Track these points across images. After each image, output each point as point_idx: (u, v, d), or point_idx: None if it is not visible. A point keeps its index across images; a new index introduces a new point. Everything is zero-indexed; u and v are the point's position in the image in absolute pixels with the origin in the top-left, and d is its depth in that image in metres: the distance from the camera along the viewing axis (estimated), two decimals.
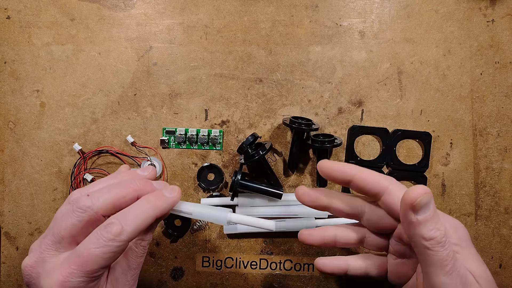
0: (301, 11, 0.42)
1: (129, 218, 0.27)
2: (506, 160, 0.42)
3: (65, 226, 0.27)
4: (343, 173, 0.29)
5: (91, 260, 0.26)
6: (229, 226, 0.41)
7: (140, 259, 0.31)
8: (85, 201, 0.27)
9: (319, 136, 0.40)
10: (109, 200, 0.28)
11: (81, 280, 0.26)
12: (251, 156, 0.38)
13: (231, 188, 0.39)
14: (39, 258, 0.27)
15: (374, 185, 0.28)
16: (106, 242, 0.26)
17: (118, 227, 0.26)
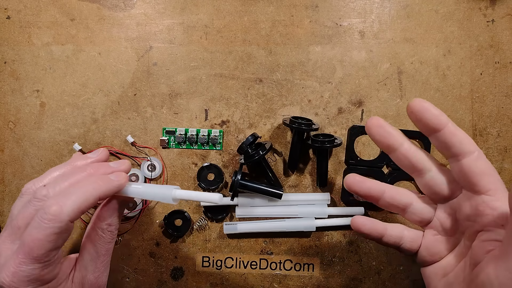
0: (301, 11, 0.42)
1: (69, 197, 0.26)
2: (506, 160, 0.42)
3: (21, 217, 0.27)
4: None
5: (36, 246, 0.25)
6: (229, 226, 0.41)
7: (109, 245, 0.31)
8: (41, 190, 0.27)
9: (319, 136, 0.40)
10: (64, 187, 0.27)
11: (33, 267, 0.25)
12: (251, 156, 0.38)
13: (231, 188, 0.39)
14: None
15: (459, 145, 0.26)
16: (47, 224, 0.25)
17: (56, 207, 0.25)
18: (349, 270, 0.42)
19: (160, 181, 0.42)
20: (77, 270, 0.30)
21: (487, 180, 0.25)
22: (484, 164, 0.25)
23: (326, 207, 0.41)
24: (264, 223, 0.41)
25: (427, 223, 0.29)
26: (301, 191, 0.42)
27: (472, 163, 0.25)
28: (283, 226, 0.41)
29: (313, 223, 0.40)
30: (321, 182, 0.41)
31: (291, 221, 0.41)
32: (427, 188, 0.28)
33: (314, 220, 0.41)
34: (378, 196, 0.29)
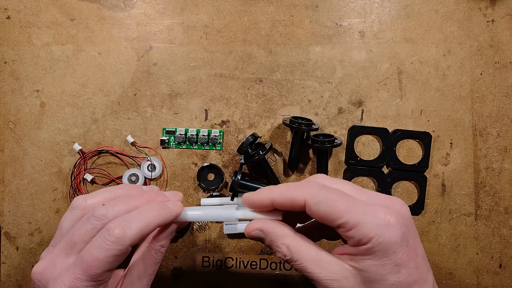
0: (301, 11, 0.42)
1: (132, 222, 0.27)
2: (506, 160, 0.42)
3: (78, 233, 0.28)
4: (263, 201, 0.28)
5: (95, 265, 0.26)
6: (229, 226, 0.41)
7: (157, 265, 0.32)
8: (100, 209, 0.28)
9: (319, 136, 0.40)
10: (122, 210, 0.28)
11: (87, 285, 0.26)
12: (251, 156, 0.38)
13: (231, 188, 0.39)
14: (49, 264, 0.28)
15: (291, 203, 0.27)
16: (109, 245, 0.26)
17: (121, 230, 0.26)
18: None
19: (160, 181, 0.42)
20: (123, 286, 0.31)
21: (331, 218, 0.25)
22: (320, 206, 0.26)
23: None
24: None
25: None
26: None
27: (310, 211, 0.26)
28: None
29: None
30: None
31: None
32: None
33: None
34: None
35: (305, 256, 0.27)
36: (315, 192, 0.26)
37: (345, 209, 0.25)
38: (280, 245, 0.28)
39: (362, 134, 0.42)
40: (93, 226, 0.28)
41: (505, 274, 0.41)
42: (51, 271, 0.28)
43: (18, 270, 0.42)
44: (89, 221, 0.28)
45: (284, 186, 0.28)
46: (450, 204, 0.42)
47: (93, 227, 0.28)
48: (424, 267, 0.25)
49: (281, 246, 0.27)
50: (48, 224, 0.42)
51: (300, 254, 0.27)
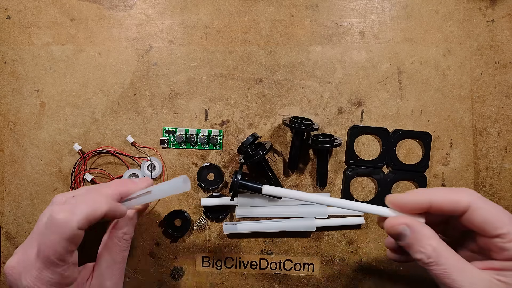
0: (301, 11, 0.42)
1: (78, 207, 0.28)
2: (506, 160, 0.42)
3: (41, 224, 0.29)
4: (419, 203, 0.27)
5: (49, 250, 0.27)
6: (229, 226, 0.41)
7: (124, 252, 0.33)
8: (61, 198, 0.30)
9: (319, 136, 0.40)
10: (83, 213, 0.28)
11: (52, 272, 0.27)
12: (251, 156, 0.38)
13: (231, 188, 0.39)
14: (22, 258, 0.28)
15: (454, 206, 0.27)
16: (56, 230, 0.27)
17: (64, 214, 0.27)
18: (349, 270, 0.42)
19: (160, 181, 0.42)
20: (94, 278, 0.32)
21: (492, 227, 0.25)
22: (484, 212, 0.26)
23: (326, 207, 0.41)
24: (264, 223, 0.41)
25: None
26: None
27: (471, 216, 0.26)
28: (283, 226, 0.41)
29: (313, 223, 0.40)
30: (321, 182, 0.41)
31: (291, 221, 0.41)
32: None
33: (314, 220, 0.41)
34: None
35: (451, 261, 0.26)
36: (479, 197, 0.26)
37: (508, 220, 0.25)
38: (426, 246, 0.26)
39: (362, 134, 0.42)
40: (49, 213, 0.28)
41: None
42: (23, 264, 0.28)
43: None
44: (47, 209, 0.29)
45: (442, 189, 0.28)
46: None
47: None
48: None
49: (427, 247, 0.26)
50: None
51: (446, 258, 0.26)
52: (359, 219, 0.41)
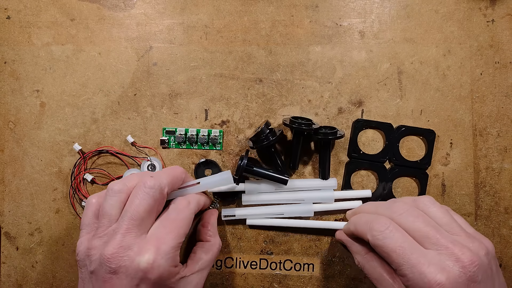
0: (301, 11, 0.42)
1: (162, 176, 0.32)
2: (506, 160, 0.42)
3: (142, 208, 0.30)
4: (349, 233, 0.36)
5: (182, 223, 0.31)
6: (226, 211, 0.41)
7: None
8: (152, 181, 0.31)
9: (321, 128, 0.40)
10: (168, 178, 0.32)
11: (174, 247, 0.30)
12: (261, 141, 0.38)
13: (236, 173, 0.38)
14: (123, 243, 0.29)
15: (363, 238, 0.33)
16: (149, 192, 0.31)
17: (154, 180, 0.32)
18: (349, 270, 0.42)
19: None
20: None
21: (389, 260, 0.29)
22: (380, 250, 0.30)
23: (332, 193, 0.40)
24: (262, 209, 0.41)
25: None
26: None
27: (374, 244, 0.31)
28: (281, 212, 0.41)
29: (311, 208, 0.40)
30: (324, 174, 0.41)
31: (290, 207, 0.41)
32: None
33: (312, 205, 0.41)
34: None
35: (370, 273, 0.33)
36: (377, 234, 0.30)
37: (397, 261, 0.28)
38: (354, 258, 0.35)
39: (366, 128, 0.42)
40: (152, 197, 0.30)
41: (505, 274, 0.41)
42: (128, 248, 0.29)
43: (18, 270, 0.42)
44: (147, 194, 0.30)
45: (359, 219, 0.34)
46: (450, 204, 0.42)
47: (153, 198, 0.30)
48: None
49: (354, 259, 0.35)
50: (48, 224, 0.42)
51: (366, 271, 0.33)
52: (357, 203, 0.41)
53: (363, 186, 0.42)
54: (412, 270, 0.27)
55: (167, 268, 0.29)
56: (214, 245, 0.36)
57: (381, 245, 0.29)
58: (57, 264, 0.42)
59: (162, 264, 0.29)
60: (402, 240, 0.28)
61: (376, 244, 0.30)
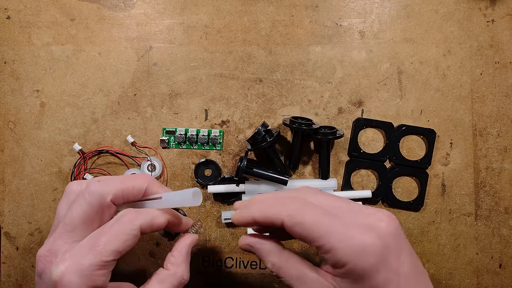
0: (301, 11, 0.42)
1: (112, 183, 0.29)
2: (506, 160, 0.42)
3: (76, 215, 0.27)
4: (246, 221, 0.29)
5: (117, 239, 0.26)
6: (226, 214, 0.41)
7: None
8: (95, 185, 0.28)
9: (321, 128, 0.40)
10: (118, 186, 0.28)
11: (93, 264, 0.26)
12: (259, 142, 0.38)
13: (236, 174, 0.39)
14: (52, 247, 0.28)
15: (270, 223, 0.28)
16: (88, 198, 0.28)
17: (98, 186, 0.28)
18: None
19: (160, 181, 0.42)
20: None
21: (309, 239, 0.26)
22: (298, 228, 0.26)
23: (332, 192, 0.41)
24: None
25: None
26: None
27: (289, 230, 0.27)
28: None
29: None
30: (324, 174, 0.41)
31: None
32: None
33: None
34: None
35: (289, 274, 0.28)
36: (293, 213, 0.26)
37: (321, 234, 0.25)
38: (267, 261, 0.29)
39: (367, 127, 0.42)
40: (90, 203, 0.28)
41: (505, 274, 0.41)
42: (54, 253, 0.27)
43: (18, 270, 0.42)
44: (85, 199, 0.28)
45: (263, 203, 0.28)
46: (450, 204, 0.42)
47: (90, 205, 0.28)
48: (410, 284, 0.25)
49: (267, 262, 0.29)
50: (48, 224, 0.42)
51: (284, 272, 0.28)
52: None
53: (363, 186, 0.42)
54: (340, 237, 0.24)
55: (84, 282, 0.25)
56: (173, 276, 0.29)
57: (300, 221, 0.26)
58: None
59: (73, 280, 0.25)
60: (323, 212, 0.26)
61: (295, 223, 0.26)
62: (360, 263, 0.24)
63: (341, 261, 0.24)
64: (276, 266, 0.28)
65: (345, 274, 0.25)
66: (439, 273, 0.41)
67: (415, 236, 0.42)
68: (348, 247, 0.24)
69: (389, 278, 0.24)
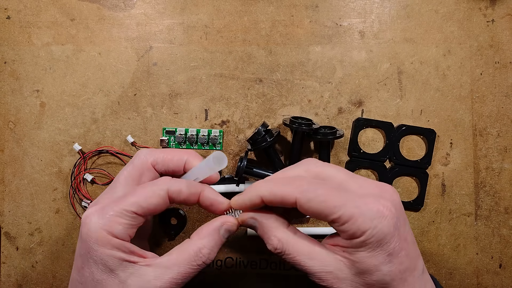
0: (301, 11, 0.42)
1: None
2: (506, 160, 0.42)
3: (122, 174, 0.30)
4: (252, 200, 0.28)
5: (143, 194, 0.27)
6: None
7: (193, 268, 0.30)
8: (142, 150, 0.31)
9: (321, 128, 0.40)
10: (160, 153, 0.30)
11: (114, 210, 0.27)
12: (259, 142, 0.38)
13: (236, 174, 0.39)
14: (97, 201, 0.29)
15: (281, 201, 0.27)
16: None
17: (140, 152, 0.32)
18: None
19: None
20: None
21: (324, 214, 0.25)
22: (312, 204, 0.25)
23: None
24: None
25: None
26: None
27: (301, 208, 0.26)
28: None
29: None
30: None
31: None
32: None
33: None
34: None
35: (297, 249, 0.27)
36: (306, 188, 0.26)
37: (338, 204, 0.25)
38: (272, 237, 0.27)
39: (367, 127, 0.42)
40: (132, 164, 0.30)
41: (505, 274, 0.41)
42: (92, 206, 0.28)
43: (18, 270, 0.42)
44: (132, 162, 0.31)
45: (273, 182, 0.27)
46: (450, 204, 0.42)
47: (132, 165, 0.30)
48: (414, 254, 0.26)
49: (272, 238, 0.27)
50: (48, 224, 0.42)
51: (292, 247, 0.27)
52: None
53: None
54: (357, 205, 0.24)
55: (98, 229, 0.25)
56: (192, 245, 0.28)
57: (315, 195, 0.25)
58: (57, 264, 0.42)
59: (93, 221, 0.26)
60: (333, 184, 0.26)
61: (309, 198, 0.25)
62: (379, 228, 0.24)
63: (361, 229, 0.24)
64: (283, 241, 0.27)
65: (362, 243, 0.24)
66: (439, 273, 0.41)
67: (415, 236, 0.42)
68: (367, 213, 0.24)
69: (401, 245, 0.25)
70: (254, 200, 0.28)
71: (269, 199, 0.27)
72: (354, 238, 0.25)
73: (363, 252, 0.25)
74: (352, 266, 0.25)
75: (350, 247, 0.25)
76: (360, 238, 0.24)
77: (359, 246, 0.25)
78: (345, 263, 0.26)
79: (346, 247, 0.26)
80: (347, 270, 0.25)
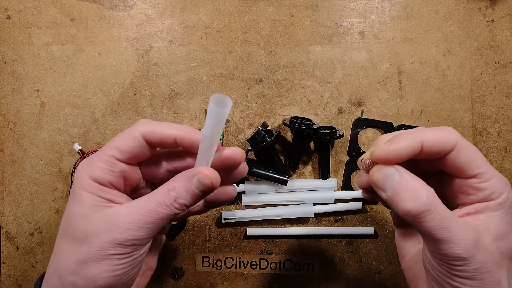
0: (301, 11, 0.42)
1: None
2: (506, 160, 0.42)
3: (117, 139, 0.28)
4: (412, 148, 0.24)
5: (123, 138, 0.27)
6: (227, 214, 0.41)
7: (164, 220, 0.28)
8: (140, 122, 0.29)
9: (321, 128, 0.40)
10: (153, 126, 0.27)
11: (97, 156, 0.26)
12: (259, 142, 0.38)
13: None
14: (89, 157, 0.28)
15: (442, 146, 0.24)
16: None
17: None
18: (349, 270, 0.42)
19: None
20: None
21: (473, 166, 0.25)
22: (468, 151, 0.25)
23: (332, 193, 0.41)
24: (262, 210, 0.41)
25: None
26: None
27: (455, 156, 0.24)
28: (281, 213, 0.41)
29: (311, 209, 0.40)
30: (324, 174, 0.41)
31: (290, 208, 0.41)
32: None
33: (312, 206, 0.41)
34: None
35: (446, 211, 0.23)
36: (462, 136, 0.25)
37: (484, 162, 0.25)
38: (421, 192, 0.23)
39: (367, 127, 0.42)
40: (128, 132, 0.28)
41: None
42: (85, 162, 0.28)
43: (18, 270, 0.42)
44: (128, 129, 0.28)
45: (427, 129, 0.25)
46: None
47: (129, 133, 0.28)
48: None
49: (422, 193, 0.23)
50: (48, 224, 0.42)
51: (441, 207, 0.23)
52: (357, 204, 0.41)
53: None
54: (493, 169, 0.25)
55: (81, 174, 0.26)
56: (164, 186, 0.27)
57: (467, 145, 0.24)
58: None
59: (79, 168, 0.27)
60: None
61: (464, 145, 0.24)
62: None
63: (500, 190, 0.24)
64: (430, 198, 0.23)
65: (499, 205, 0.24)
66: None
67: None
68: (502, 179, 0.25)
69: None
70: (414, 146, 0.24)
71: (431, 145, 0.24)
72: (489, 199, 0.25)
73: (497, 216, 0.24)
74: (488, 232, 0.24)
75: (482, 212, 0.25)
76: (498, 200, 0.24)
77: (494, 209, 0.24)
78: (481, 229, 0.24)
79: (477, 213, 0.25)
80: (483, 237, 0.24)
